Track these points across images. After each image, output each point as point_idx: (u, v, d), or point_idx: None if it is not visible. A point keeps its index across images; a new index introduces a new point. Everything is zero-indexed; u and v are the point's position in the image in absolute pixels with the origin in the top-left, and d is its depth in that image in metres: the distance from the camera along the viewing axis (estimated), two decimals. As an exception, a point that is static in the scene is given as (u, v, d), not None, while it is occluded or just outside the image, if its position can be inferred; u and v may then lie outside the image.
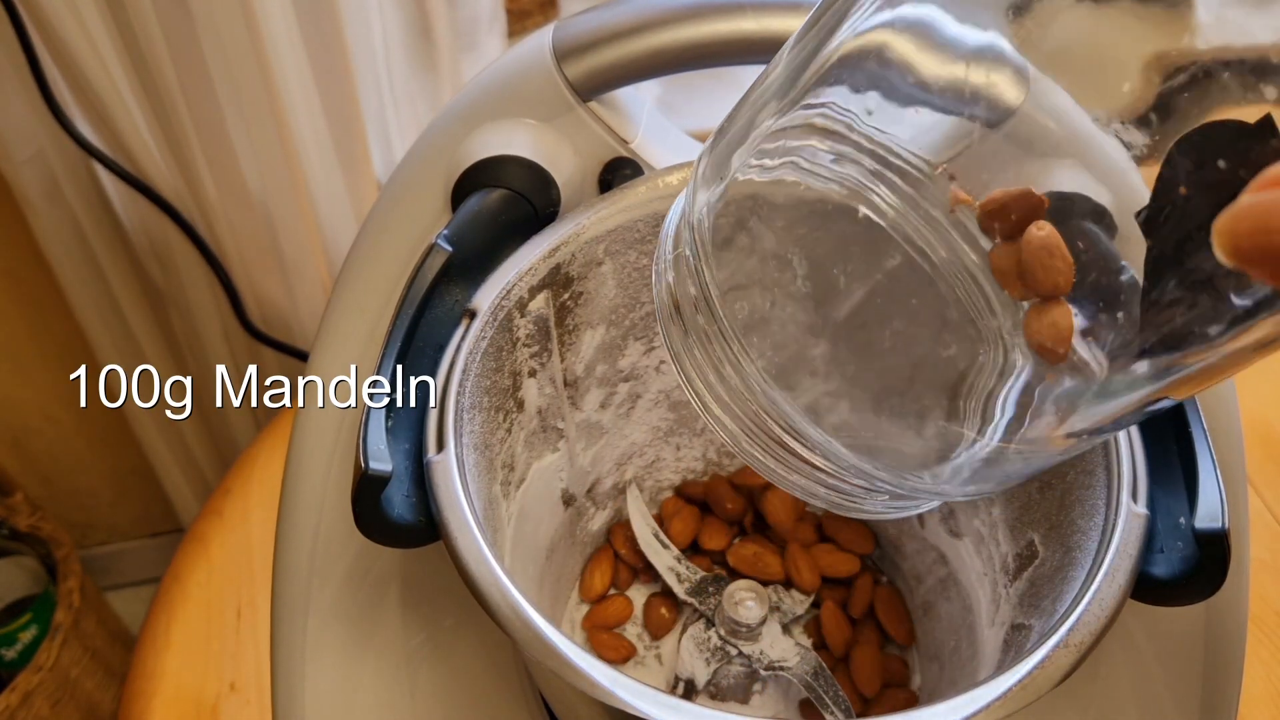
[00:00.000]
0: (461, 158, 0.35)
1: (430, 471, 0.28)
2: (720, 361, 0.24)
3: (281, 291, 0.75)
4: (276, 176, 0.67)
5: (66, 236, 0.73)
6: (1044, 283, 0.21)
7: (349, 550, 0.36)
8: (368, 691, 0.36)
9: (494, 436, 0.33)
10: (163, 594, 0.56)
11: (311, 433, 0.36)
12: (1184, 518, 0.27)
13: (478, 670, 0.37)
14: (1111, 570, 0.26)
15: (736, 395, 0.25)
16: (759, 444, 0.25)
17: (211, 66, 0.60)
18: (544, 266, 0.33)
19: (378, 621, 0.36)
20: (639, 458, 0.42)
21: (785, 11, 0.33)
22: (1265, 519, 0.56)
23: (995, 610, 0.34)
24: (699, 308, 0.25)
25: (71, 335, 0.83)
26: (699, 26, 0.33)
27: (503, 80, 0.36)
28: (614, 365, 0.38)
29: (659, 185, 0.35)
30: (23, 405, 0.92)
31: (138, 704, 0.51)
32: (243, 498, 0.59)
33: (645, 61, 0.34)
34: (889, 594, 0.41)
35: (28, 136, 0.67)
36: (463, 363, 0.30)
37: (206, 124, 0.64)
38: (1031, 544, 0.32)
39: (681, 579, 0.41)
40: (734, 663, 0.38)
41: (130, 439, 0.92)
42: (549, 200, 0.35)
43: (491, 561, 0.26)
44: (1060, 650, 0.25)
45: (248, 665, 0.52)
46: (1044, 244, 0.21)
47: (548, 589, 0.40)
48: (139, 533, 1.10)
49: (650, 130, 0.37)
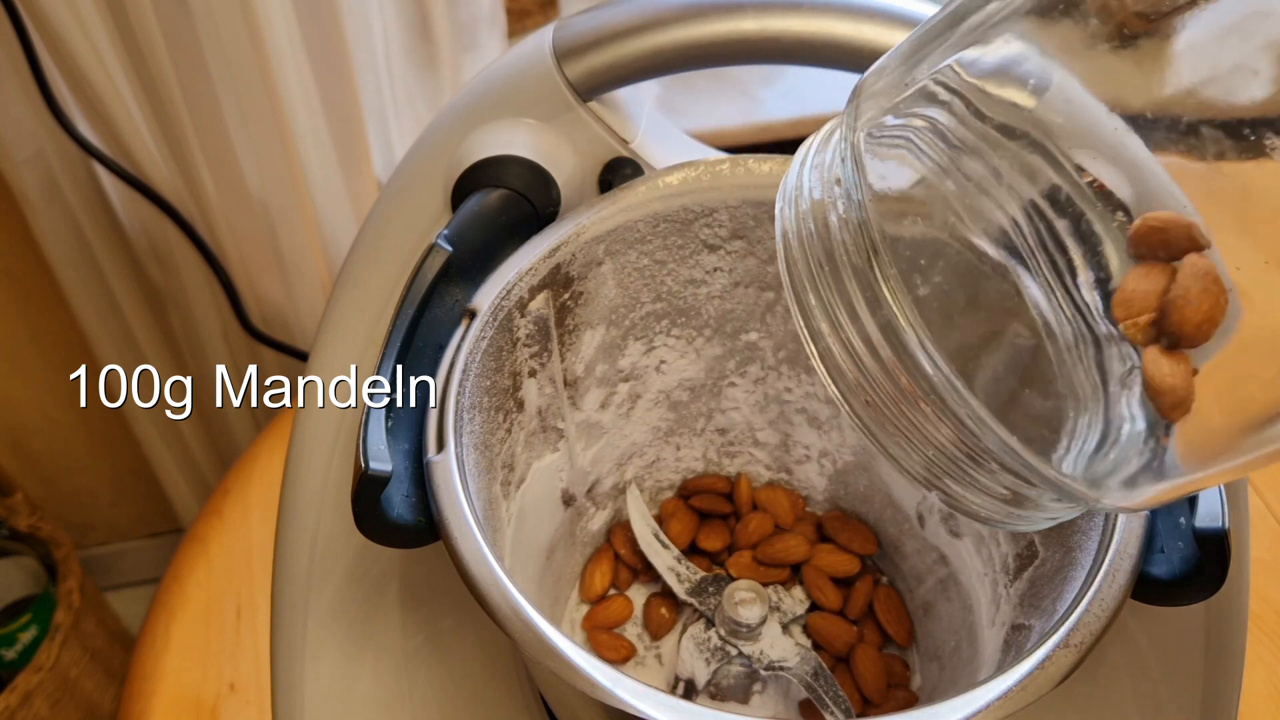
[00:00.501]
0: (461, 158, 0.35)
1: (430, 471, 0.28)
2: (856, 300, 0.22)
3: (281, 291, 0.75)
4: (276, 176, 0.67)
5: (66, 236, 0.73)
6: (1191, 318, 0.19)
7: (349, 550, 0.36)
8: (367, 692, 0.36)
9: (494, 436, 0.33)
10: (162, 594, 0.56)
11: (311, 433, 0.36)
12: (1184, 518, 0.27)
13: (477, 670, 0.37)
14: (1112, 570, 0.26)
15: (869, 344, 0.22)
16: (881, 404, 0.23)
17: (211, 66, 0.60)
18: (544, 266, 0.33)
19: (377, 622, 0.36)
20: (639, 458, 0.42)
21: (785, 11, 0.33)
22: (1265, 519, 0.56)
23: (995, 610, 0.34)
24: (848, 228, 0.22)
25: (71, 335, 0.83)
26: (699, 26, 0.33)
27: (503, 80, 0.36)
28: (614, 365, 0.38)
29: (659, 185, 0.35)
30: (22, 405, 0.92)
31: (137, 704, 0.51)
32: (242, 498, 0.59)
33: (645, 61, 0.34)
34: (889, 594, 0.41)
35: (27, 136, 0.67)
36: (463, 363, 0.30)
37: (206, 124, 0.64)
38: (1032, 544, 0.32)
39: (681, 579, 0.41)
40: (734, 663, 0.38)
41: (130, 439, 0.92)
42: (549, 200, 0.35)
43: (491, 561, 0.26)
44: (1060, 650, 0.25)
45: (247, 665, 0.52)
46: (1205, 271, 0.19)
47: (548, 589, 0.39)
48: (139, 533, 1.10)
49: (650, 130, 0.37)
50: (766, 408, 0.42)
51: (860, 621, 0.41)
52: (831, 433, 0.41)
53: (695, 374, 0.40)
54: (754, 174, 0.35)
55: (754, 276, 0.37)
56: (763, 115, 0.91)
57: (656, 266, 0.36)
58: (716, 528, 0.43)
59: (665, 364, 0.40)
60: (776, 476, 0.44)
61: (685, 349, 0.39)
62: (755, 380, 0.41)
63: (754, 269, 0.37)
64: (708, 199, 0.35)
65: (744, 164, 0.35)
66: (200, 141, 0.65)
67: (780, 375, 0.40)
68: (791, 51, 0.33)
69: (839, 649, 0.40)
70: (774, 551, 0.41)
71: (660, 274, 0.37)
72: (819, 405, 0.41)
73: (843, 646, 0.40)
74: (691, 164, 0.35)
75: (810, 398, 0.41)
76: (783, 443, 0.43)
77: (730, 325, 0.39)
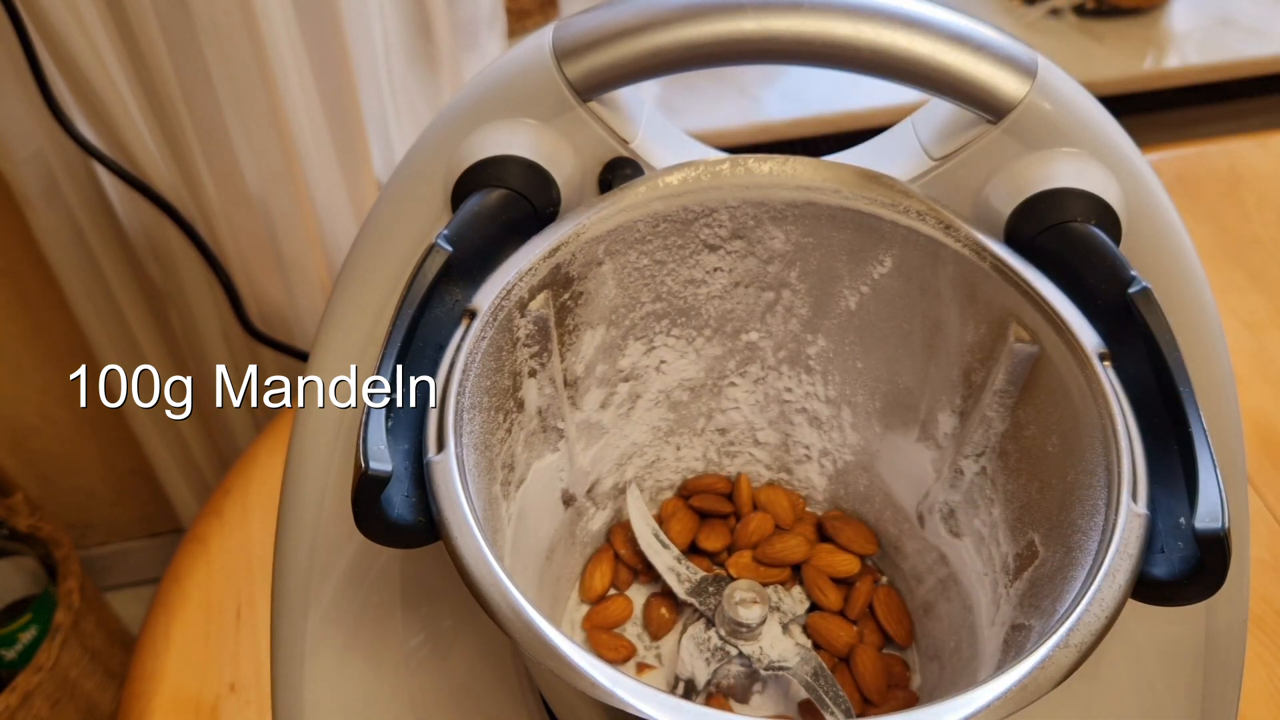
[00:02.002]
0: (461, 157, 0.35)
1: (430, 472, 0.28)
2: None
3: (281, 291, 0.75)
4: (276, 176, 0.67)
5: (66, 236, 0.73)
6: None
7: (349, 550, 0.36)
8: (367, 692, 0.36)
9: (494, 436, 0.33)
10: (162, 594, 0.56)
11: (311, 433, 0.36)
12: (1184, 518, 0.27)
13: (477, 670, 0.37)
14: (1112, 570, 0.26)
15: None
16: None
17: (211, 66, 0.60)
18: (544, 266, 0.33)
19: (377, 621, 0.36)
20: (639, 458, 0.42)
21: (785, 11, 0.33)
22: (1265, 519, 0.56)
23: (995, 610, 0.34)
24: None
25: (71, 335, 0.83)
26: (699, 26, 0.33)
27: (503, 80, 0.36)
28: (614, 365, 0.38)
29: (659, 185, 0.35)
30: (22, 405, 0.92)
31: (137, 704, 0.51)
32: (243, 498, 0.59)
33: (645, 61, 0.34)
34: (889, 594, 0.41)
35: (27, 136, 0.67)
36: (463, 363, 0.30)
37: (206, 124, 0.64)
38: (1032, 544, 0.32)
39: (681, 579, 0.41)
40: (734, 663, 0.38)
41: (130, 439, 0.92)
42: (549, 200, 0.35)
43: (491, 562, 0.26)
44: (1060, 650, 0.25)
45: (247, 665, 0.52)
46: None
47: (548, 589, 0.39)
48: (139, 533, 1.10)
49: (650, 130, 0.37)
50: (767, 408, 0.42)
51: (860, 622, 0.41)
52: (832, 433, 0.41)
53: (695, 374, 0.40)
54: (754, 174, 0.35)
55: (754, 276, 0.37)
56: (763, 115, 0.91)
57: (656, 266, 0.36)
58: (716, 528, 0.43)
59: (665, 364, 0.40)
60: (776, 476, 0.44)
61: (685, 349, 0.39)
62: (755, 380, 0.41)
63: (754, 269, 0.37)
64: (708, 199, 0.35)
65: (744, 164, 0.35)
66: (200, 141, 0.65)
67: (780, 375, 0.40)
68: (791, 51, 0.33)
69: (839, 649, 0.40)
70: (774, 551, 0.41)
71: (660, 274, 0.37)
72: (819, 405, 0.41)
73: (843, 646, 0.40)
74: (691, 164, 0.35)
75: (810, 397, 0.41)
76: (783, 443, 0.43)
77: (730, 325, 0.39)
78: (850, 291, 0.37)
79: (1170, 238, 0.35)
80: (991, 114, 0.34)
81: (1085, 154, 0.34)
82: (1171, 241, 0.35)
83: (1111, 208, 0.34)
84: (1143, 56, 0.98)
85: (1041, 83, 0.33)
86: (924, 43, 0.33)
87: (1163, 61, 0.98)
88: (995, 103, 0.33)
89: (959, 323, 0.35)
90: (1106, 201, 0.34)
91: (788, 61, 0.34)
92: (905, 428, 0.39)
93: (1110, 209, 0.34)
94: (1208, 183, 0.77)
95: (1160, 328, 0.29)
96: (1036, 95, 0.33)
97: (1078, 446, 0.31)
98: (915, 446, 0.39)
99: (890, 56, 0.33)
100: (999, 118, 0.34)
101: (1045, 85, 0.34)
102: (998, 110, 0.34)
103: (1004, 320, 0.33)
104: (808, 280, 0.37)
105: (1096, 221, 0.33)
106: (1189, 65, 0.98)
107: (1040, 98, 0.33)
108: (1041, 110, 0.34)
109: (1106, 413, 0.29)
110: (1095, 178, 0.34)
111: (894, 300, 0.36)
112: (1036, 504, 0.33)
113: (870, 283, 0.36)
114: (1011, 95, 0.33)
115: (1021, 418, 0.34)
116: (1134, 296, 0.30)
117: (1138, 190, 0.35)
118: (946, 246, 0.34)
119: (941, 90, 0.34)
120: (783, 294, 0.38)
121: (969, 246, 0.33)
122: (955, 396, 0.36)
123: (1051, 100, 0.34)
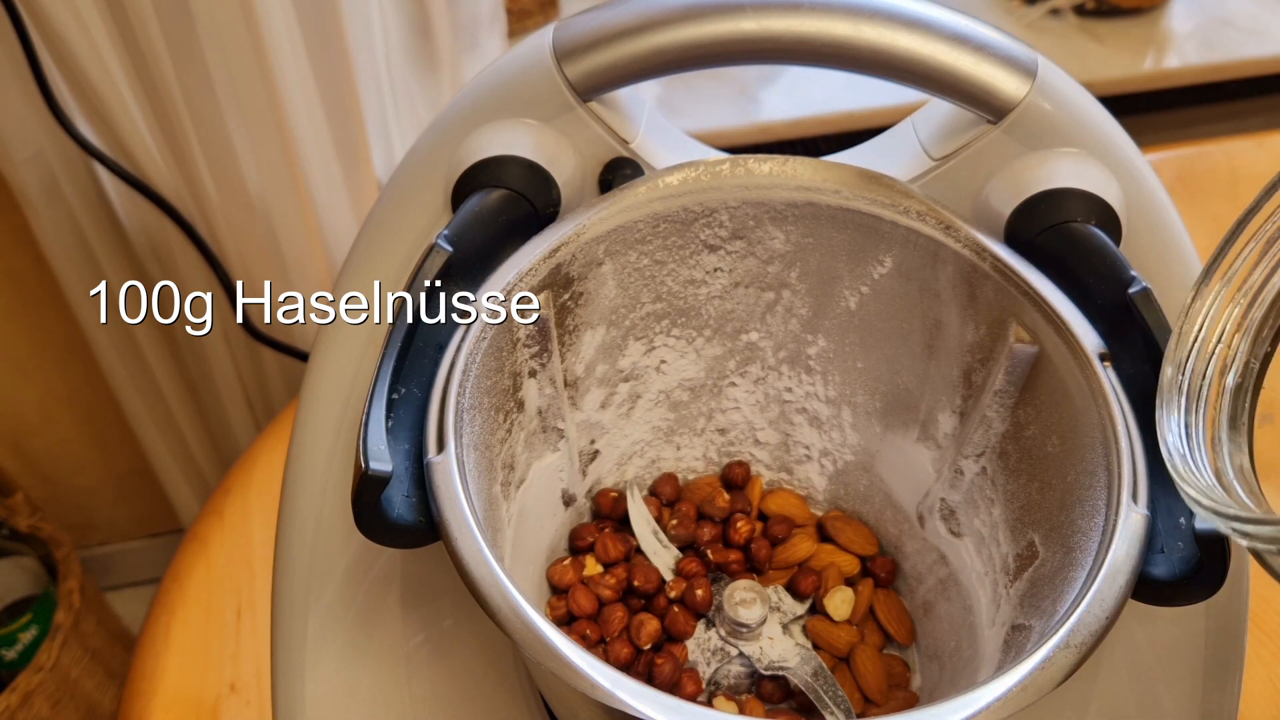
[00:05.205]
0: (462, 158, 0.35)
1: (430, 472, 0.28)
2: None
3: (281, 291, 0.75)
4: (276, 176, 0.67)
5: (66, 236, 0.73)
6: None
7: (349, 550, 0.36)
8: (367, 692, 0.36)
9: (494, 437, 0.33)
10: (162, 594, 0.56)
11: (311, 433, 0.36)
12: (1184, 518, 0.27)
13: (477, 671, 0.37)
14: (1112, 571, 0.26)
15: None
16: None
17: (211, 66, 0.60)
18: (544, 267, 0.33)
19: (377, 621, 0.36)
20: (639, 458, 0.42)
21: (785, 11, 0.33)
22: (1265, 519, 0.55)
23: (996, 610, 0.34)
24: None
25: (71, 335, 0.83)
26: (699, 26, 0.33)
27: (503, 80, 0.36)
28: (614, 365, 0.38)
29: (659, 185, 0.35)
30: (22, 405, 0.92)
31: (137, 704, 0.51)
32: (243, 498, 0.59)
33: (645, 61, 0.34)
34: (889, 594, 0.41)
35: (27, 136, 0.67)
36: (463, 363, 0.30)
37: (206, 124, 0.64)
38: (1032, 544, 0.32)
39: (681, 579, 0.41)
40: (734, 663, 0.38)
41: (130, 439, 0.92)
42: (549, 200, 0.35)
43: (491, 562, 0.26)
44: (1061, 651, 0.25)
45: (248, 666, 0.52)
46: None
47: (548, 589, 0.40)
48: (139, 533, 1.10)
49: (650, 130, 0.37)
50: (767, 408, 0.42)
51: (860, 622, 0.41)
52: (832, 433, 0.41)
53: (695, 374, 0.40)
54: (754, 174, 0.35)
55: (754, 276, 0.37)
56: (763, 115, 0.91)
57: (656, 267, 0.36)
58: (717, 528, 0.43)
59: (665, 364, 0.40)
60: (777, 476, 0.44)
61: (685, 349, 0.39)
62: (755, 380, 0.41)
63: (754, 269, 0.37)
64: (708, 199, 0.35)
65: (744, 164, 0.35)
66: (200, 141, 0.65)
67: (780, 375, 0.40)
68: (791, 51, 0.33)
69: (839, 649, 0.40)
70: (774, 551, 0.41)
71: (660, 274, 0.37)
72: (819, 405, 0.41)
73: (843, 646, 0.40)
74: (691, 164, 0.35)
75: (810, 397, 0.41)
76: (783, 443, 0.43)
77: (730, 325, 0.39)
78: (850, 292, 0.37)
79: (1170, 238, 0.35)
80: (991, 114, 0.34)
81: (1085, 154, 0.34)
82: (1171, 241, 0.35)
83: (1111, 208, 0.34)
84: (1142, 56, 0.98)
85: (1041, 83, 0.33)
86: (924, 43, 0.33)
87: (1162, 61, 0.98)
88: (995, 103, 0.33)
89: (959, 323, 0.35)
90: (1106, 201, 0.34)
91: (788, 61, 0.34)
92: (905, 428, 0.39)
93: (1110, 209, 0.34)
94: (1207, 183, 0.77)
95: (1160, 328, 0.29)
96: (1036, 95, 0.33)
97: (1078, 447, 0.31)
98: (915, 446, 0.39)
99: (890, 56, 0.33)
100: (999, 118, 0.34)
101: (1045, 85, 0.34)
102: (998, 110, 0.34)
103: (1004, 320, 0.33)
104: (808, 280, 0.37)
105: (1096, 221, 0.33)
106: (1189, 65, 0.98)
107: (1040, 98, 0.33)
108: (1041, 110, 0.34)
109: (1106, 413, 0.29)
110: (1095, 178, 0.34)
111: (894, 300, 0.36)
112: (1037, 504, 0.33)
113: (870, 283, 0.36)
114: (1011, 95, 0.33)
115: (1021, 418, 0.34)
116: (1134, 296, 0.30)
117: (1138, 190, 0.35)
118: (946, 247, 0.34)
119: (941, 90, 0.34)
120: (783, 294, 0.38)
121: (969, 247, 0.33)
122: (955, 397, 0.36)
123: (1051, 100, 0.34)
